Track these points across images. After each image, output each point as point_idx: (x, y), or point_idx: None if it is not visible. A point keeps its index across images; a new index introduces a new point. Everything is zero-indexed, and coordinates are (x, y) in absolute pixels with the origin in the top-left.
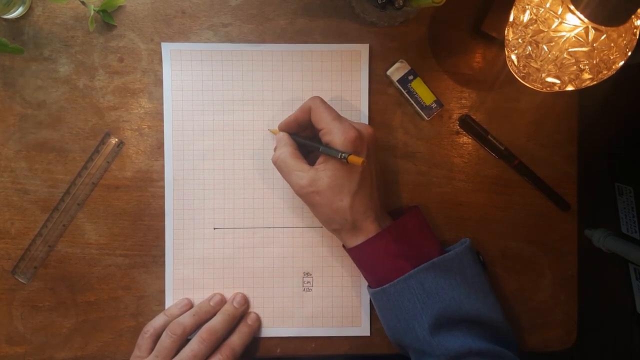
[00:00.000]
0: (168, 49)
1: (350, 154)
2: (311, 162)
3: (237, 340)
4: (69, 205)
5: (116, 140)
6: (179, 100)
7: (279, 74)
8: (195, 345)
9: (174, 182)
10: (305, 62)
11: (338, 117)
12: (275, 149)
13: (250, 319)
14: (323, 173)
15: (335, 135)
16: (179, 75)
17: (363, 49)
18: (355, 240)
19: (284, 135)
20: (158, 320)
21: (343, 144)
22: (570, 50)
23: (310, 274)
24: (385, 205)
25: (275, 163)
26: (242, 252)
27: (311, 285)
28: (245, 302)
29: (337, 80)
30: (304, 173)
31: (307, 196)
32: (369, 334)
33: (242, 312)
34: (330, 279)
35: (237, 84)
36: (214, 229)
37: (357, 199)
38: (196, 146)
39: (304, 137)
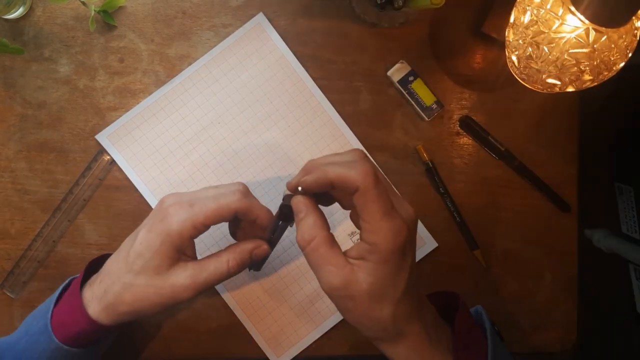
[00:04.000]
0: (104, 137)
1: None
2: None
3: None
4: (69, 205)
5: None
6: (146, 170)
7: (211, 88)
8: None
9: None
10: (227, 61)
11: (389, 212)
12: (297, 221)
13: None
14: (362, 275)
15: (383, 239)
16: (130, 152)
17: (260, 19)
18: (395, 348)
19: (308, 205)
20: None
21: (392, 249)
22: (570, 51)
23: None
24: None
25: (303, 248)
26: None
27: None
28: None
29: (260, 60)
30: (337, 270)
31: (337, 299)
32: None
33: None
34: None
35: (188, 118)
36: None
37: (400, 306)
38: (181, 188)
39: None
